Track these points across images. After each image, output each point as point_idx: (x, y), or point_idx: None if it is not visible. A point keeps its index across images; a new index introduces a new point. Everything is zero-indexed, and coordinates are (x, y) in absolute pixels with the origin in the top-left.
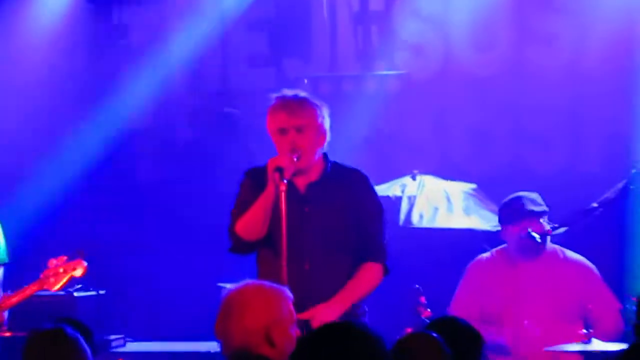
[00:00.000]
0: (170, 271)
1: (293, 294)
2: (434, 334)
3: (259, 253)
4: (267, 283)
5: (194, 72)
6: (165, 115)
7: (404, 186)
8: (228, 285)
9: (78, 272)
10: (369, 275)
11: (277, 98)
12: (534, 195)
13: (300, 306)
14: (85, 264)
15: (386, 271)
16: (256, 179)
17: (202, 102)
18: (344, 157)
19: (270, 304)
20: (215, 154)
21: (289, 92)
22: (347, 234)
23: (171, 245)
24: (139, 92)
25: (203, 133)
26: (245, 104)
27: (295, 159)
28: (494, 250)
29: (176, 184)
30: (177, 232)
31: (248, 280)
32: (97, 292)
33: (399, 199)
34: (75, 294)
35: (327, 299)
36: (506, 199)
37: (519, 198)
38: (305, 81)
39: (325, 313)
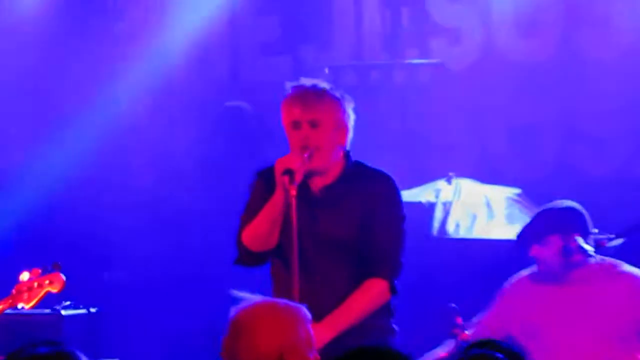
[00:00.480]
0: (172, 286)
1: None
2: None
3: (272, 266)
4: (281, 301)
5: (197, 62)
6: (164, 111)
7: (438, 191)
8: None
9: (55, 288)
10: (370, 295)
11: (293, 88)
12: (575, 205)
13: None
14: (63, 277)
15: (393, 291)
16: (269, 181)
17: (207, 96)
18: (370, 157)
19: (285, 326)
20: (221, 155)
21: (307, 82)
22: (363, 243)
23: (172, 258)
24: (134, 84)
25: (208, 132)
26: (257, 97)
27: (306, 158)
28: (533, 268)
29: (177, 190)
30: (179, 244)
31: (259, 298)
32: (88, 310)
33: (432, 206)
34: (63, 312)
35: None
36: (542, 208)
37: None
38: (326, 71)
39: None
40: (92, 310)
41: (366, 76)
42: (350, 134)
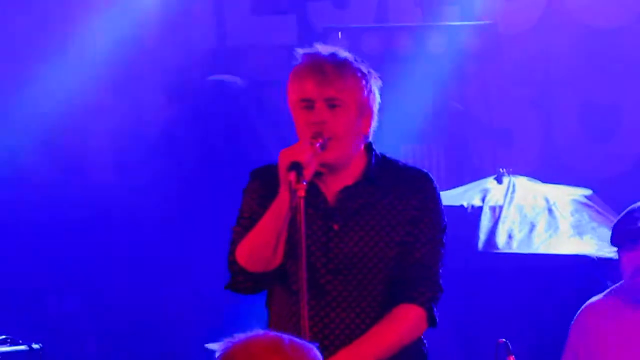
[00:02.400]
0: (132, 318)
1: (320, 351)
2: None
3: (268, 294)
4: (285, 337)
5: (173, 24)
6: (135, 85)
7: (485, 192)
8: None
9: None
10: (403, 325)
11: (305, 56)
12: None
13: None
14: None
15: (432, 321)
16: (267, 183)
17: (188, 66)
18: (397, 149)
19: None
20: (206, 143)
21: (324, 49)
22: (394, 266)
23: (136, 282)
24: (98, 51)
25: (190, 112)
26: (249, 69)
27: (319, 148)
28: (612, 288)
29: (147, 187)
30: (143, 264)
31: (258, 331)
32: (30, 346)
33: (477, 211)
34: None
35: None
36: (622, 213)
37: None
38: (340, 35)
39: None
40: (35, 346)
41: (393, 42)
42: (375, 121)
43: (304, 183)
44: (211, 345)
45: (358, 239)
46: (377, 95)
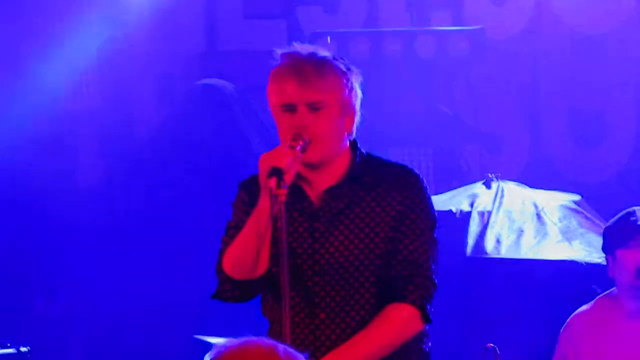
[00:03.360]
0: (124, 320)
1: (310, 353)
2: None
3: (263, 302)
4: (280, 345)
5: (162, 28)
6: (121, 88)
7: (474, 197)
8: (213, 340)
9: None
10: (396, 323)
11: (284, 56)
12: None
13: None
14: None
15: (426, 318)
16: (253, 192)
17: (177, 70)
18: (385, 152)
19: None
20: (196, 148)
21: (302, 49)
22: (383, 264)
23: (124, 283)
24: (82, 53)
25: (180, 117)
26: (241, 71)
27: (299, 151)
28: (601, 295)
29: (135, 192)
30: (135, 265)
31: (251, 339)
32: (18, 349)
33: (466, 216)
34: None
35: None
36: (614, 219)
37: (632, 213)
38: (329, 40)
39: None
40: (23, 349)
41: (382, 47)
42: (358, 119)
43: (285, 188)
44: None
45: (343, 238)
46: (359, 91)
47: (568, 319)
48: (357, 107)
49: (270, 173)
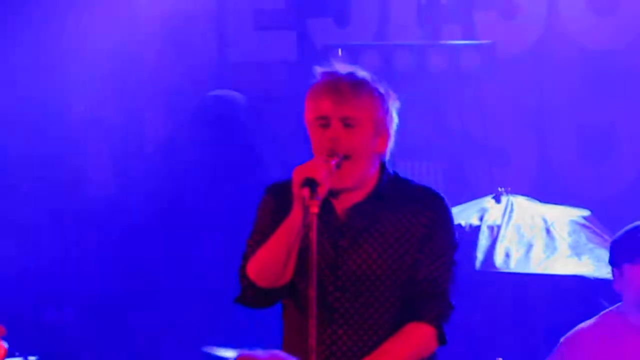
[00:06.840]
0: (132, 328)
1: None
2: None
3: (283, 309)
4: None
5: (173, 39)
6: (129, 103)
7: (483, 211)
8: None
9: None
10: (412, 343)
11: (323, 74)
12: None
13: None
14: (6, 345)
15: (441, 339)
16: (281, 199)
17: (189, 81)
18: (394, 166)
19: None
20: (206, 159)
21: (342, 68)
22: (403, 284)
23: (134, 294)
24: (98, 65)
25: (190, 128)
26: (252, 83)
27: (334, 166)
28: (606, 311)
29: (146, 201)
30: (145, 274)
31: (275, 352)
32: (26, 358)
33: (475, 230)
34: None
35: None
36: (621, 231)
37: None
38: (340, 52)
39: None
40: (31, 358)
41: (392, 60)
42: (392, 141)
43: (318, 199)
44: (209, 349)
45: (366, 256)
46: (395, 116)
47: (569, 334)
48: (392, 130)
49: (303, 183)
